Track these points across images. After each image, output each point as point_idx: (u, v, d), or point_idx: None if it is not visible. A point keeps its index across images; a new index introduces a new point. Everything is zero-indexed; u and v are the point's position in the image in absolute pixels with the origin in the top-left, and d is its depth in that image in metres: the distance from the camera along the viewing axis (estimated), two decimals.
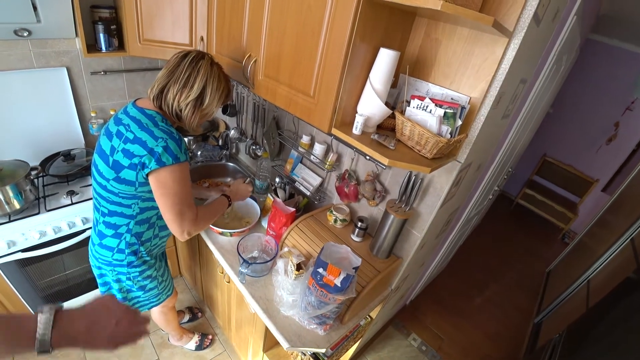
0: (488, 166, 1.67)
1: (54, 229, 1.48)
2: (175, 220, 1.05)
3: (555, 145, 3.87)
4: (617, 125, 3.39)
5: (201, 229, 1.16)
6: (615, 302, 1.39)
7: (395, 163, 0.89)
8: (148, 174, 0.99)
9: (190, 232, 1.09)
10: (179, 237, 1.10)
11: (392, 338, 2.20)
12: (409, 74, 1.08)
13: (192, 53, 1.07)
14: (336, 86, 0.92)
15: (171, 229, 1.08)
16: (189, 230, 1.08)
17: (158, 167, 0.98)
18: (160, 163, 0.97)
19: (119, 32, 1.57)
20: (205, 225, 1.17)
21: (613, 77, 3.31)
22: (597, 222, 2.59)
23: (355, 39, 0.87)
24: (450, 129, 0.95)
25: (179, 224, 1.06)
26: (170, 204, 1.03)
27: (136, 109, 1.05)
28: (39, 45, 1.53)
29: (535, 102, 1.69)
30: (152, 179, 1.00)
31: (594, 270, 2.07)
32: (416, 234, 1.27)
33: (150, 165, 0.97)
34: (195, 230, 1.11)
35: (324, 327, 1.13)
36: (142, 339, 0.61)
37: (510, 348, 2.31)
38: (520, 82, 1.19)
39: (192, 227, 1.09)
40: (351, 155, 1.39)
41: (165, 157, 0.97)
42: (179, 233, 1.08)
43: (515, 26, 0.88)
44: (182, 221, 1.06)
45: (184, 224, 1.06)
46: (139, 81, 1.93)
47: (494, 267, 3.10)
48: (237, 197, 1.39)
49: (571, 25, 1.40)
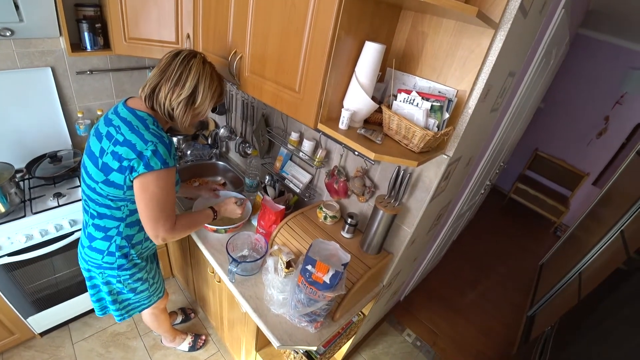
0: (479, 160, 1.67)
1: (41, 232, 1.45)
2: (150, 224, 1.03)
3: (547, 140, 3.90)
4: (607, 119, 3.42)
5: (178, 237, 1.13)
6: (606, 293, 1.40)
7: (382, 157, 0.88)
8: (136, 177, 0.98)
9: (165, 239, 1.07)
10: (154, 241, 1.08)
11: (386, 334, 2.20)
12: (396, 67, 1.07)
13: (184, 52, 1.05)
14: (321, 81, 0.91)
15: (146, 231, 1.06)
16: (164, 236, 1.06)
17: (146, 172, 0.96)
18: (149, 167, 0.96)
19: (104, 30, 1.54)
20: (182, 234, 1.14)
21: (603, 71, 3.33)
22: (588, 215, 2.61)
23: (339, 32, 0.86)
24: (437, 122, 0.94)
25: (153, 228, 1.03)
26: (148, 209, 1.01)
27: (127, 110, 1.02)
28: (22, 45, 1.50)
29: (525, 96, 1.69)
30: (136, 182, 0.99)
31: (585, 263, 2.09)
32: (406, 229, 1.27)
33: (138, 169, 0.95)
34: (171, 238, 1.08)
35: (314, 324, 1.12)
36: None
37: (504, 342, 2.32)
38: (509, 75, 1.19)
39: (168, 234, 1.06)
40: (340, 151, 1.38)
41: (154, 162, 0.96)
42: (153, 237, 1.06)
43: (501, 18, 0.87)
44: (156, 227, 1.03)
45: (159, 230, 1.04)
46: (126, 80, 1.90)
47: (487, 261, 3.12)
48: (225, 214, 1.35)
49: (559, 18, 1.40)
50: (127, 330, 1.92)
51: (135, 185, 0.99)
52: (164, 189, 1.00)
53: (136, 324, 1.95)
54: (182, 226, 1.12)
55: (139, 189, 0.99)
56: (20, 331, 1.66)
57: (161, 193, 1.00)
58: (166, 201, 1.03)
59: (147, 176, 0.97)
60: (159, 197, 1.00)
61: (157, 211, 1.01)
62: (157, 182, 0.99)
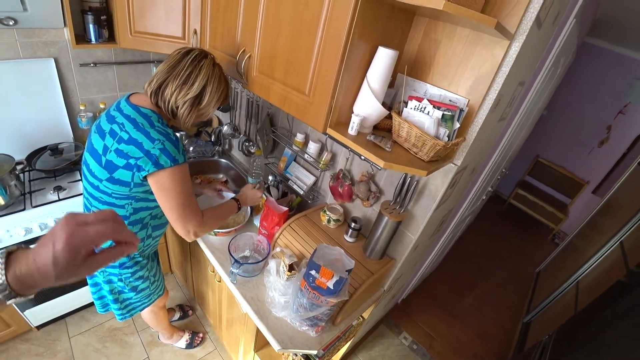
0: (482, 168, 1.66)
1: (40, 225, 1.44)
2: (179, 222, 1.03)
3: (548, 147, 3.90)
4: (609, 128, 3.42)
5: (207, 231, 1.14)
6: (606, 305, 1.40)
7: (392, 165, 0.87)
8: (146, 176, 0.97)
9: (196, 233, 1.08)
10: (185, 238, 1.08)
11: (383, 337, 2.20)
12: (407, 74, 1.06)
13: (195, 51, 1.04)
14: (332, 85, 0.90)
15: (177, 230, 1.06)
16: (195, 231, 1.07)
17: (156, 170, 0.95)
18: (158, 166, 0.94)
19: (109, 22, 1.52)
20: (212, 227, 1.15)
21: (606, 80, 3.33)
22: (587, 223, 2.62)
23: (353, 36, 0.84)
24: (447, 131, 0.93)
25: (183, 225, 1.04)
26: (172, 206, 1.01)
27: (130, 107, 1.01)
28: (25, 34, 1.47)
29: (532, 105, 1.69)
30: (152, 182, 0.98)
31: (583, 272, 2.10)
32: (410, 235, 1.26)
33: (147, 168, 0.94)
34: (201, 232, 1.09)
35: (315, 328, 1.11)
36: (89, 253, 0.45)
37: (499, 347, 2.33)
38: (519, 85, 1.18)
39: (198, 228, 1.07)
40: (346, 154, 1.37)
41: (163, 160, 0.95)
42: (185, 234, 1.06)
43: (517, 29, 0.86)
44: (185, 222, 1.04)
45: (188, 225, 1.05)
46: (130, 74, 1.88)
47: (485, 266, 3.13)
48: (248, 202, 1.35)
49: (570, 28, 1.39)
50: (124, 326, 1.91)
51: (153, 187, 0.99)
52: (180, 184, 1.00)
53: (134, 320, 1.95)
54: (211, 219, 1.13)
55: (158, 189, 0.99)
56: (16, 324, 1.65)
57: (180, 189, 1.00)
58: (188, 195, 1.03)
59: (160, 175, 0.96)
60: (178, 193, 1.00)
61: (182, 208, 1.02)
62: (171, 177, 0.98)
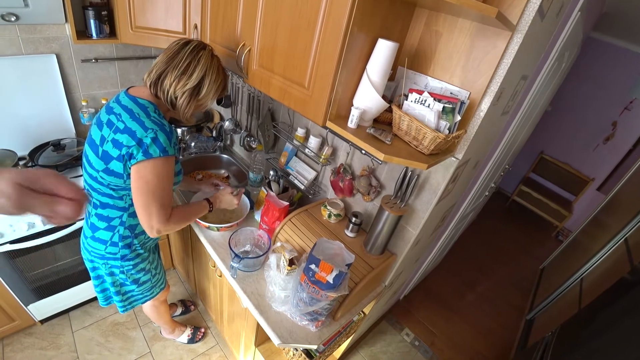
0: (485, 163, 1.65)
1: (43, 220, 1.44)
2: (144, 216, 1.01)
3: (553, 143, 3.86)
4: (614, 124, 3.38)
5: (173, 230, 1.11)
6: (609, 302, 1.39)
7: (391, 158, 0.87)
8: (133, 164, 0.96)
9: (159, 231, 1.04)
10: (148, 233, 1.05)
11: (385, 333, 2.20)
12: (408, 66, 1.05)
13: (194, 42, 1.04)
14: (332, 78, 0.89)
15: (141, 223, 1.03)
16: (158, 228, 1.03)
17: (145, 159, 0.94)
18: (147, 155, 0.94)
19: (110, 18, 1.52)
20: (177, 226, 1.11)
21: (612, 76, 3.29)
22: (592, 221, 2.59)
23: (352, 28, 0.83)
24: (448, 124, 0.92)
25: (147, 220, 1.01)
26: (143, 199, 0.98)
27: (128, 98, 1.01)
28: (27, 30, 1.48)
29: (535, 99, 1.67)
30: (133, 170, 0.97)
31: (587, 269, 2.08)
32: (411, 230, 1.25)
33: (137, 156, 0.94)
34: (165, 230, 1.05)
35: (315, 323, 1.11)
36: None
37: (502, 344, 2.32)
38: (522, 78, 1.17)
39: (162, 226, 1.03)
40: (346, 149, 1.36)
41: (153, 149, 0.94)
42: (148, 229, 1.03)
43: (519, 20, 0.85)
44: (150, 218, 1.01)
45: (153, 221, 1.01)
46: (131, 69, 1.88)
47: (488, 263, 3.11)
48: (222, 205, 1.32)
49: (575, 21, 1.37)
50: (126, 320, 1.93)
51: (132, 175, 0.97)
52: (160, 177, 0.98)
53: (136, 315, 1.96)
54: (177, 218, 1.09)
55: (135, 176, 0.97)
56: (20, 318, 1.66)
57: (157, 182, 0.98)
58: (162, 191, 1.00)
59: (144, 163, 0.95)
60: (154, 186, 0.98)
61: (151, 201, 0.99)
62: (154, 170, 0.97)
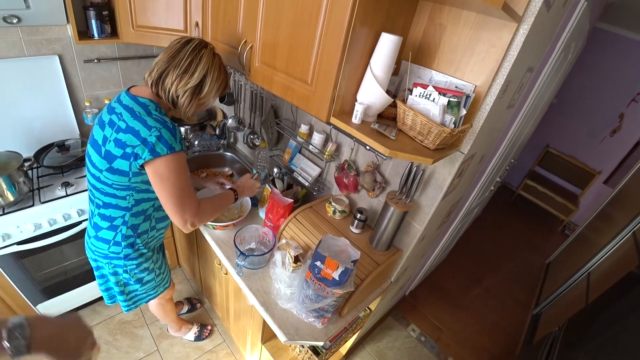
0: (491, 157, 1.63)
1: (49, 221, 1.46)
2: (175, 211, 1.02)
3: (558, 136, 3.82)
4: (621, 116, 3.33)
5: (205, 221, 1.13)
6: (617, 296, 1.37)
7: (396, 154, 0.86)
8: (143, 164, 0.97)
9: (194, 223, 1.06)
10: (182, 229, 1.07)
11: (391, 329, 2.20)
12: (412, 60, 1.03)
13: (195, 40, 1.04)
14: (335, 73, 0.88)
15: (173, 220, 1.05)
16: (192, 221, 1.05)
17: (153, 158, 0.94)
18: (155, 153, 0.94)
19: (111, 18, 1.51)
20: (209, 217, 1.14)
21: (619, 67, 3.23)
22: (599, 214, 2.56)
23: (355, 23, 0.82)
24: (454, 118, 0.91)
25: (180, 214, 1.03)
26: (168, 195, 1.00)
27: (129, 97, 1.01)
28: (29, 32, 1.48)
29: (541, 92, 1.64)
30: (149, 170, 0.98)
31: (594, 263, 2.06)
32: (417, 226, 1.25)
33: (143, 155, 0.94)
34: (199, 222, 1.08)
35: (322, 320, 1.11)
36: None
37: (508, 339, 2.31)
38: (527, 71, 1.15)
39: (195, 218, 1.06)
40: (351, 145, 1.35)
41: (160, 147, 0.94)
42: (182, 224, 1.05)
43: (525, 10, 0.83)
44: (183, 212, 1.03)
45: (185, 215, 1.03)
46: (134, 69, 1.88)
47: (494, 258, 3.10)
48: (245, 192, 1.34)
49: (581, 11, 1.35)
50: (134, 319, 1.94)
51: (150, 175, 0.98)
52: (177, 172, 0.99)
53: (143, 313, 1.97)
54: (207, 209, 1.11)
55: (154, 178, 0.98)
56: None
57: (176, 178, 0.99)
58: (184, 185, 1.02)
59: (156, 162, 0.96)
60: (174, 182, 0.99)
61: (178, 197, 1.01)
62: (168, 166, 0.97)
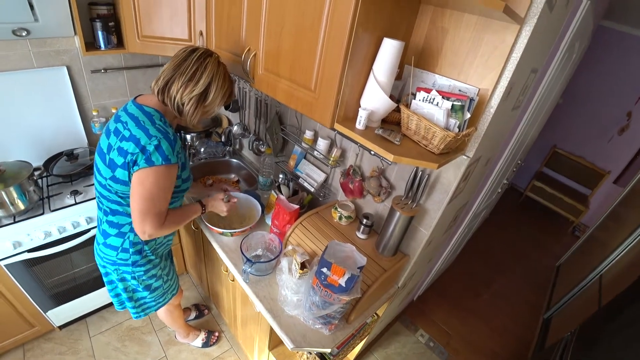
0: (497, 159, 1.62)
1: (59, 229, 1.48)
2: (138, 219, 1.01)
3: (566, 137, 3.77)
4: (629, 115, 3.28)
5: (164, 234, 1.11)
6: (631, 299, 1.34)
7: (401, 159, 0.86)
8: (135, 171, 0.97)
9: (151, 235, 1.05)
10: (139, 235, 1.06)
11: (399, 334, 2.18)
12: (415, 65, 1.03)
13: (200, 49, 1.05)
14: (338, 79, 0.89)
15: (133, 224, 1.04)
16: (150, 233, 1.04)
17: (146, 166, 0.95)
18: (149, 162, 0.95)
19: (117, 29, 1.54)
20: (169, 230, 1.11)
21: (625, 65, 3.19)
22: (609, 215, 2.52)
23: (357, 29, 0.83)
24: (458, 122, 0.91)
25: (140, 224, 1.02)
26: (140, 200, 0.99)
27: (135, 106, 1.03)
28: (38, 44, 1.52)
29: (546, 92, 1.63)
30: (135, 176, 0.98)
31: (606, 265, 2.02)
32: (423, 231, 1.24)
33: (139, 162, 0.95)
34: (156, 235, 1.06)
35: (329, 326, 1.11)
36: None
37: (518, 344, 2.27)
38: (532, 72, 1.14)
39: (155, 231, 1.04)
40: (355, 150, 1.35)
41: (155, 157, 0.95)
42: (140, 232, 1.04)
43: (527, 12, 0.83)
44: (143, 222, 1.01)
45: (145, 226, 1.02)
46: (140, 78, 1.91)
47: (502, 261, 3.06)
48: (213, 210, 1.32)
49: (584, 10, 1.33)
50: (142, 325, 1.95)
51: (133, 178, 0.98)
52: (161, 186, 0.99)
53: (151, 320, 1.98)
54: (171, 223, 1.09)
55: (136, 181, 0.98)
56: (40, 324, 1.71)
57: (157, 190, 0.99)
58: (161, 199, 1.01)
59: (146, 171, 0.96)
60: (153, 193, 0.99)
61: (149, 207, 1.00)
62: (155, 178, 0.98)
